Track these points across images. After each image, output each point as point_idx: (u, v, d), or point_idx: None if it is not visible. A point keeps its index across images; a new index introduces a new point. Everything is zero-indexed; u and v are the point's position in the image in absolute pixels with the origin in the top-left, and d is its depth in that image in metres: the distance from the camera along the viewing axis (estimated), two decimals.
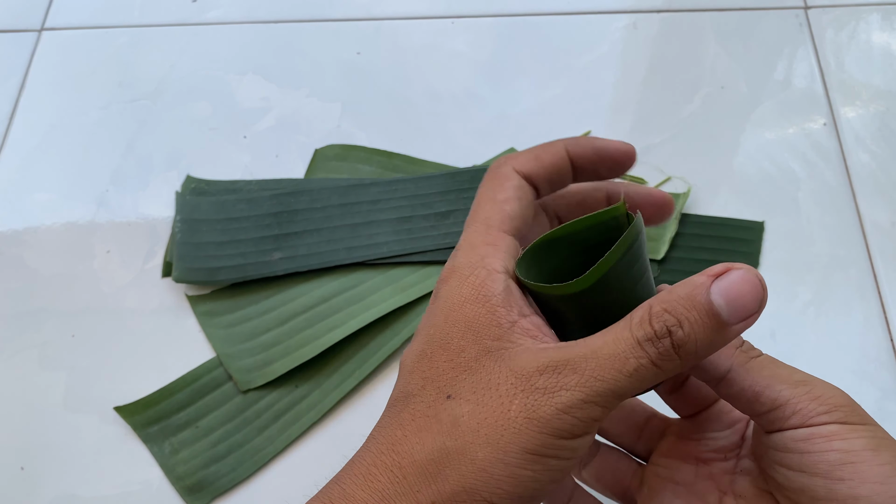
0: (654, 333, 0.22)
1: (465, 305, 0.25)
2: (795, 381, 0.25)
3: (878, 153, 0.49)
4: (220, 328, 0.44)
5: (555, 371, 0.23)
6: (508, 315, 0.24)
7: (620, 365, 0.22)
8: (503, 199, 0.27)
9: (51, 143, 0.52)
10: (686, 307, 0.22)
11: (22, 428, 0.41)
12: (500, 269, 0.25)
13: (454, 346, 0.24)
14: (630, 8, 0.56)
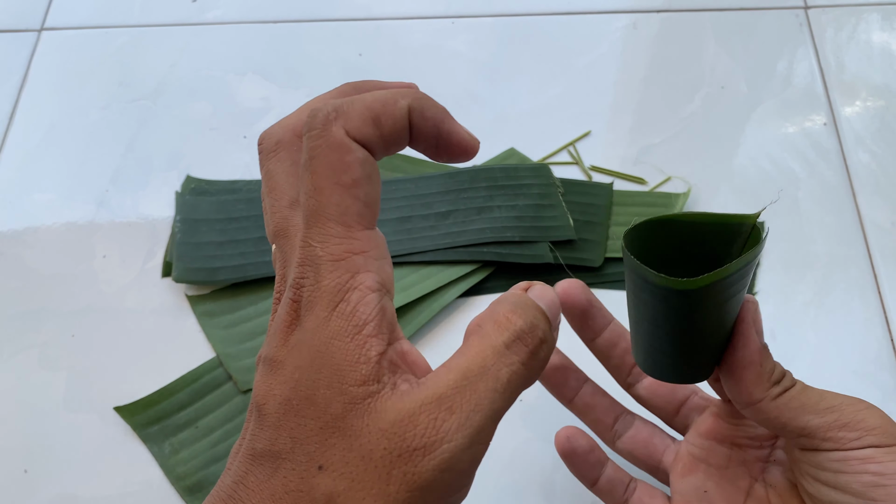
0: (519, 331, 0.21)
1: (333, 343, 0.20)
2: (823, 408, 0.25)
3: (878, 153, 0.49)
4: (220, 328, 0.44)
5: (428, 416, 0.19)
6: (378, 345, 0.20)
7: (494, 382, 0.20)
8: (351, 182, 0.21)
9: (51, 143, 0.52)
10: (529, 307, 0.21)
11: (22, 428, 0.41)
12: (374, 287, 0.21)
13: (321, 398, 0.20)
14: (630, 8, 0.56)
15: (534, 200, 0.46)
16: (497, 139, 0.51)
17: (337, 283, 0.20)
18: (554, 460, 0.39)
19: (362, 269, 0.21)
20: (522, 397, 0.41)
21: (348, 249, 0.21)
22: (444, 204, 0.46)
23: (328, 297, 0.20)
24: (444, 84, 0.53)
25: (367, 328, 0.20)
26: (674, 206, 0.46)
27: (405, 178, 0.48)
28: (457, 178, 0.47)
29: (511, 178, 0.47)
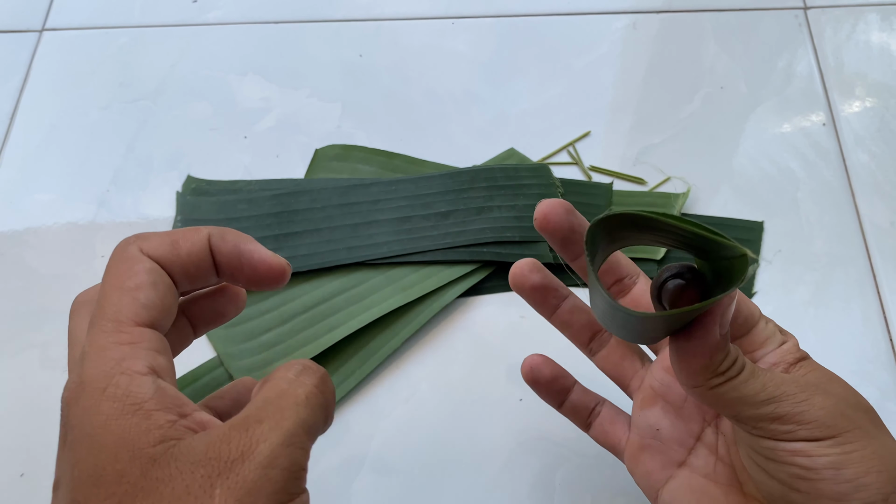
0: (304, 366, 0.23)
1: (110, 423, 0.20)
2: (761, 400, 0.25)
3: (877, 153, 0.49)
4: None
5: (241, 430, 0.20)
6: (167, 415, 0.20)
7: (293, 398, 0.21)
8: (134, 287, 0.22)
9: (51, 143, 0.52)
10: (299, 362, 0.23)
11: (22, 428, 0.41)
12: (143, 371, 0.21)
13: (109, 476, 0.19)
14: (630, 8, 0.57)
15: (534, 200, 0.46)
16: (497, 139, 0.51)
17: (101, 371, 0.20)
18: (554, 460, 0.39)
19: (129, 356, 0.20)
20: (522, 397, 0.41)
21: (115, 340, 0.21)
22: (445, 204, 0.46)
23: (92, 385, 0.20)
24: (444, 84, 0.54)
25: (146, 404, 0.20)
26: (673, 206, 0.47)
27: (405, 179, 0.48)
28: (457, 178, 0.47)
29: (511, 179, 0.47)
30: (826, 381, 0.26)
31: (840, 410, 0.25)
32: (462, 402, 0.41)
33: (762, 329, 0.28)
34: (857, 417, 0.25)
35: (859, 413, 0.25)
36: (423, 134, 0.51)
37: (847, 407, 0.25)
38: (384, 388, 0.42)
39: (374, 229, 0.46)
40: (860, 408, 0.26)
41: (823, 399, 0.25)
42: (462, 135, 0.51)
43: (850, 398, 0.26)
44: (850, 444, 0.24)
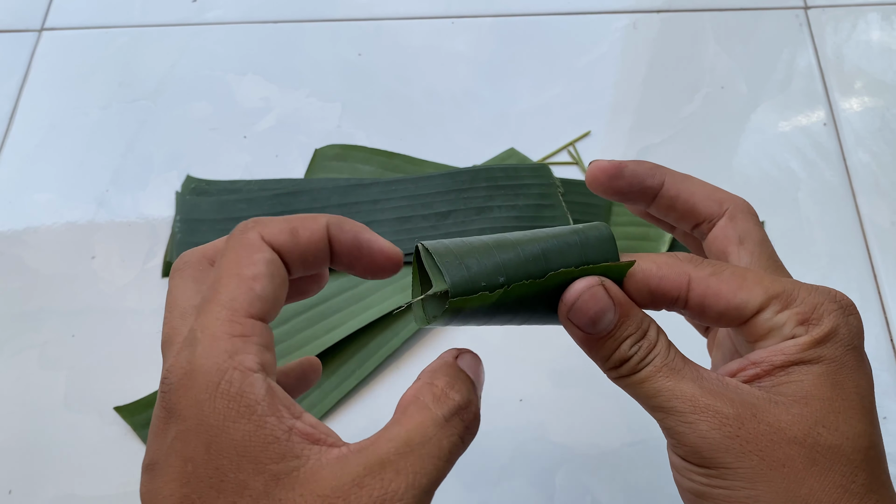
0: (457, 407, 0.22)
1: (228, 426, 0.19)
2: (651, 407, 0.24)
3: (878, 153, 0.49)
4: None
5: (375, 477, 0.19)
6: (281, 424, 0.20)
7: (437, 450, 0.21)
8: (251, 276, 0.21)
9: (51, 143, 0.52)
10: (463, 381, 0.23)
11: (22, 427, 0.41)
12: (255, 368, 0.20)
13: (231, 483, 0.19)
14: (630, 8, 0.57)
15: (534, 200, 0.46)
16: (497, 139, 0.51)
17: (214, 363, 0.20)
18: (554, 460, 0.39)
19: (241, 350, 0.20)
20: (522, 397, 0.41)
21: (229, 331, 0.20)
22: (445, 204, 0.46)
23: (205, 377, 0.20)
24: (444, 84, 0.53)
25: (259, 408, 0.20)
26: None
27: (405, 178, 0.48)
28: (457, 178, 0.47)
29: (511, 178, 0.47)
30: (795, 402, 0.23)
31: (743, 442, 0.22)
32: None
33: (765, 320, 0.25)
34: (773, 455, 0.22)
35: (796, 451, 0.22)
36: (423, 134, 0.51)
37: (774, 443, 0.22)
38: (384, 388, 0.42)
39: (374, 229, 0.46)
40: (821, 450, 0.22)
41: (717, 425, 0.22)
42: (462, 135, 0.51)
43: (818, 435, 0.22)
44: (725, 481, 0.22)
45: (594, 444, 0.40)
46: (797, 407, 0.23)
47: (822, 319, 0.24)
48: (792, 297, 0.25)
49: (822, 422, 0.23)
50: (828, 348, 0.24)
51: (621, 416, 0.40)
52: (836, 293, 0.25)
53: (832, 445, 0.23)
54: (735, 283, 0.25)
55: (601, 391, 0.41)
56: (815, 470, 0.22)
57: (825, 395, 0.23)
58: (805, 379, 0.24)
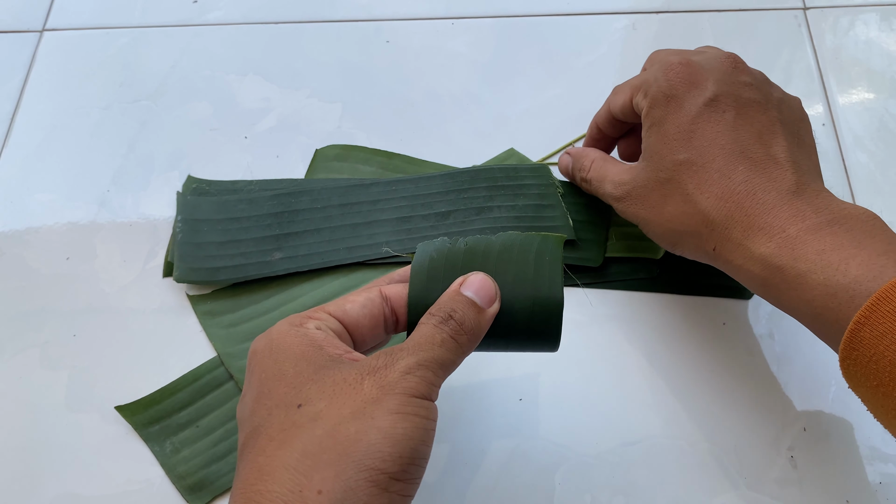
0: (441, 318, 0.29)
1: (292, 348, 0.28)
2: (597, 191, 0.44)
3: (876, 153, 0.49)
4: (221, 328, 0.44)
5: (386, 354, 0.27)
6: (335, 350, 0.28)
7: (432, 339, 0.28)
8: (349, 300, 0.31)
9: (52, 143, 0.52)
10: (453, 302, 0.30)
11: (23, 427, 0.41)
12: (315, 328, 0.29)
13: (289, 375, 0.27)
14: (629, 9, 0.57)
15: (533, 201, 0.46)
16: (497, 139, 0.51)
17: (287, 324, 0.29)
18: (554, 460, 0.39)
19: (307, 322, 0.29)
20: (522, 397, 0.41)
21: (304, 315, 0.30)
22: (444, 204, 0.47)
23: (277, 331, 0.29)
24: (444, 85, 0.54)
25: (321, 342, 0.28)
26: None
27: (405, 178, 0.48)
28: (457, 178, 0.47)
29: (511, 179, 0.47)
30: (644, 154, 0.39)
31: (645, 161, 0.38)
32: (462, 402, 0.41)
33: (635, 104, 0.39)
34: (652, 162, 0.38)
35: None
36: (423, 134, 0.51)
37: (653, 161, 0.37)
38: None
39: (374, 229, 0.46)
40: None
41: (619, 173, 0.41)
42: (462, 135, 0.51)
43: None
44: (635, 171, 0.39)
45: (594, 444, 0.40)
46: (649, 165, 0.37)
47: (649, 90, 0.37)
48: (643, 80, 0.39)
49: (658, 167, 0.37)
50: (657, 110, 0.37)
51: (621, 416, 0.40)
52: (676, 57, 0.38)
53: (668, 180, 0.36)
54: (620, 90, 0.41)
55: (601, 391, 0.41)
56: (668, 199, 0.37)
57: (656, 147, 0.37)
58: (649, 141, 0.38)
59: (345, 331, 0.30)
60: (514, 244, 0.31)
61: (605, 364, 0.42)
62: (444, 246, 0.31)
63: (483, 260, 0.31)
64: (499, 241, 0.32)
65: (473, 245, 0.31)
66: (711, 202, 0.34)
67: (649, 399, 0.41)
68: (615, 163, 0.41)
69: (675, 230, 0.36)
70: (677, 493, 0.38)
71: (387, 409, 0.25)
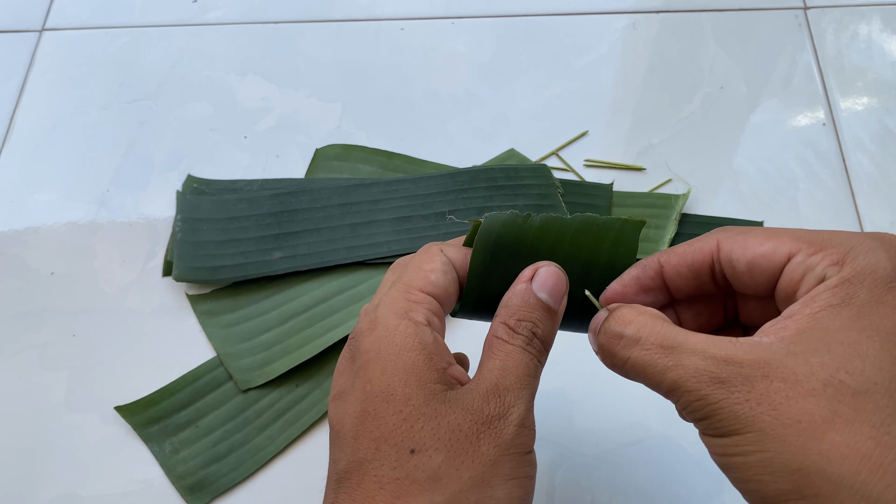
0: (526, 337, 0.26)
1: (402, 354, 0.25)
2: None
3: (877, 154, 0.49)
4: (221, 327, 0.44)
5: (495, 396, 0.25)
6: (441, 361, 0.26)
7: (525, 369, 0.26)
8: (429, 269, 0.27)
9: (52, 143, 0.52)
10: (529, 310, 0.27)
11: (23, 427, 0.41)
12: (423, 322, 0.26)
13: (399, 396, 0.24)
14: (629, 8, 0.57)
15: (533, 201, 0.46)
16: (497, 139, 0.51)
17: (393, 313, 0.26)
18: (554, 460, 0.39)
19: (414, 309, 0.26)
20: None
21: (405, 297, 0.26)
22: (445, 204, 0.46)
23: (385, 322, 0.26)
24: (444, 84, 0.54)
25: (429, 347, 0.25)
26: (674, 206, 0.47)
27: (405, 179, 0.48)
28: (457, 178, 0.47)
29: (511, 179, 0.47)
30: (816, 350, 0.21)
31: (753, 405, 0.21)
32: None
33: (797, 263, 0.23)
34: (787, 412, 0.21)
35: (813, 404, 0.21)
36: (423, 134, 0.51)
37: (789, 399, 0.21)
38: None
39: (374, 229, 0.46)
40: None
41: (725, 394, 0.22)
42: (462, 135, 0.51)
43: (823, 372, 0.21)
44: (739, 447, 0.22)
45: (594, 444, 0.40)
46: (817, 356, 0.21)
47: (856, 257, 0.22)
48: (828, 241, 0.23)
49: (844, 367, 0.21)
50: (861, 287, 0.22)
51: (621, 416, 0.40)
52: (887, 234, 0.24)
53: (857, 392, 0.20)
54: (764, 235, 0.25)
55: (601, 391, 0.41)
56: (837, 423, 0.20)
57: (850, 339, 0.21)
58: (831, 324, 0.22)
59: (441, 309, 0.27)
60: (592, 228, 0.28)
61: None
62: (514, 220, 0.28)
63: (554, 242, 0.28)
64: (575, 222, 0.28)
65: (546, 224, 0.28)
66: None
67: (649, 399, 0.41)
68: (690, 331, 0.24)
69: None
70: (677, 493, 0.38)
71: (503, 476, 0.24)
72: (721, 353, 0.22)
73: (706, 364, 0.22)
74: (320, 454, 0.40)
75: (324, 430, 0.41)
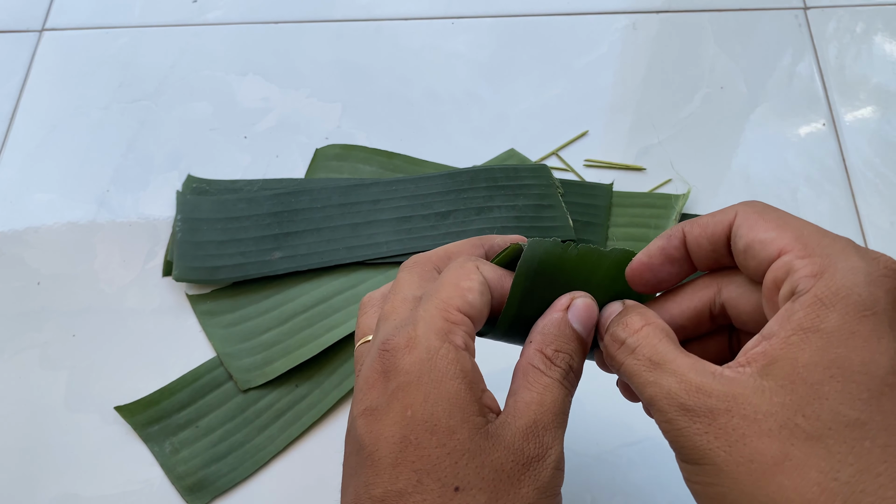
0: (564, 371, 0.26)
1: (445, 382, 0.24)
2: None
3: (877, 152, 0.49)
4: (221, 327, 0.44)
5: (534, 436, 0.25)
6: (478, 389, 0.25)
7: (562, 406, 0.26)
8: (467, 288, 0.26)
9: (52, 143, 0.52)
10: (566, 341, 0.27)
11: (23, 427, 0.41)
12: (462, 346, 0.25)
13: (443, 427, 0.23)
14: (629, 8, 0.57)
15: (533, 201, 0.46)
16: (497, 139, 0.51)
17: (433, 334, 0.25)
18: None
19: (453, 332, 0.25)
20: None
21: (444, 317, 0.25)
22: (444, 204, 0.46)
23: (425, 344, 0.24)
24: (444, 84, 0.54)
25: (469, 375, 0.24)
26: (674, 207, 0.47)
27: (405, 178, 0.48)
28: (457, 178, 0.47)
29: (511, 179, 0.47)
30: (782, 387, 0.21)
31: (711, 438, 0.22)
32: None
33: (784, 262, 0.23)
34: (741, 451, 0.21)
35: (767, 445, 0.21)
36: (423, 134, 0.51)
37: (745, 437, 0.21)
38: None
39: (374, 229, 0.46)
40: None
41: (688, 422, 0.22)
42: (462, 135, 0.51)
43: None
44: (699, 476, 0.23)
45: (594, 444, 0.40)
46: (780, 394, 0.21)
47: (834, 275, 0.21)
48: (818, 249, 0.22)
49: (802, 410, 0.20)
50: (833, 311, 0.21)
51: (621, 416, 0.40)
52: (881, 256, 0.22)
53: (810, 436, 0.20)
54: (774, 223, 0.24)
55: (601, 391, 0.41)
56: (786, 466, 0.20)
57: (814, 377, 0.21)
58: (800, 355, 0.21)
59: (474, 330, 0.27)
60: (625, 261, 0.29)
61: None
62: (555, 249, 0.28)
63: (589, 273, 0.29)
64: (612, 256, 0.29)
65: (585, 255, 0.28)
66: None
67: None
68: (683, 351, 0.24)
69: None
70: (677, 493, 0.38)
71: None
72: (696, 381, 0.23)
73: (679, 388, 0.23)
74: (320, 454, 0.40)
75: (324, 431, 0.41)
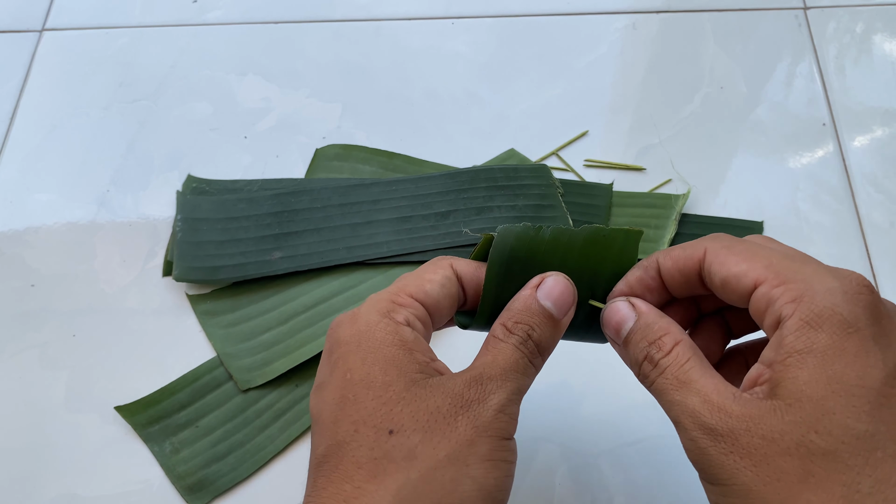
0: (521, 338, 0.27)
1: (382, 348, 0.26)
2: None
3: (877, 152, 0.49)
4: (221, 327, 0.44)
5: (477, 383, 0.26)
6: (423, 357, 0.26)
7: (516, 366, 0.26)
8: (427, 279, 0.28)
9: (52, 143, 0.52)
10: (529, 315, 0.27)
11: (23, 427, 0.41)
12: (403, 322, 0.26)
13: (378, 383, 0.25)
14: (629, 8, 0.57)
15: (534, 201, 0.46)
16: (497, 139, 0.51)
17: (375, 311, 0.26)
18: (554, 460, 0.39)
19: (395, 311, 0.27)
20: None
21: (390, 300, 0.27)
22: (445, 204, 0.46)
23: (366, 318, 0.26)
24: (444, 84, 0.54)
25: (409, 343, 0.26)
26: (674, 206, 0.47)
27: (405, 178, 0.48)
28: (457, 178, 0.47)
29: (511, 179, 0.47)
30: (790, 406, 0.22)
31: (736, 458, 0.22)
32: None
33: (762, 294, 0.24)
34: (766, 470, 0.22)
35: (789, 464, 0.21)
36: (423, 134, 0.51)
37: (768, 457, 0.22)
38: None
39: (374, 229, 0.46)
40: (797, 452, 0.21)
41: (712, 442, 0.23)
42: (462, 135, 0.51)
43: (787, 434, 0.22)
44: (725, 497, 0.23)
45: (594, 444, 0.40)
46: (791, 412, 0.22)
47: (814, 298, 0.23)
48: (791, 275, 0.24)
49: (814, 427, 0.21)
50: (822, 332, 0.22)
51: (621, 416, 0.40)
52: (851, 274, 0.24)
53: (826, 452, 0.21)
54: (742, 255, 0.25)
55: (601, 391, 0.41)
56: (811, 482, 0.21)
57: (818, 393, 0.22)
58: (800, 374, 0.22)
59: (428, 316, 0.28)
60: (599, 240, 0.29)
61: (605, 364, 0.42)
62: (526, 233, 0.29)
63: (564, 254, 0.29)
64: (583, 234, 0.29)
65: (557, 236, 0.29)
66: None
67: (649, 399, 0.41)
68: (711, 370, 0.25)
69: None
70: (677, 493, 0.38)
71: (480, 456, 0.24)
72: (718, 401, 0.23)
73: (703, 408, 0.23)
74: None
75: None
